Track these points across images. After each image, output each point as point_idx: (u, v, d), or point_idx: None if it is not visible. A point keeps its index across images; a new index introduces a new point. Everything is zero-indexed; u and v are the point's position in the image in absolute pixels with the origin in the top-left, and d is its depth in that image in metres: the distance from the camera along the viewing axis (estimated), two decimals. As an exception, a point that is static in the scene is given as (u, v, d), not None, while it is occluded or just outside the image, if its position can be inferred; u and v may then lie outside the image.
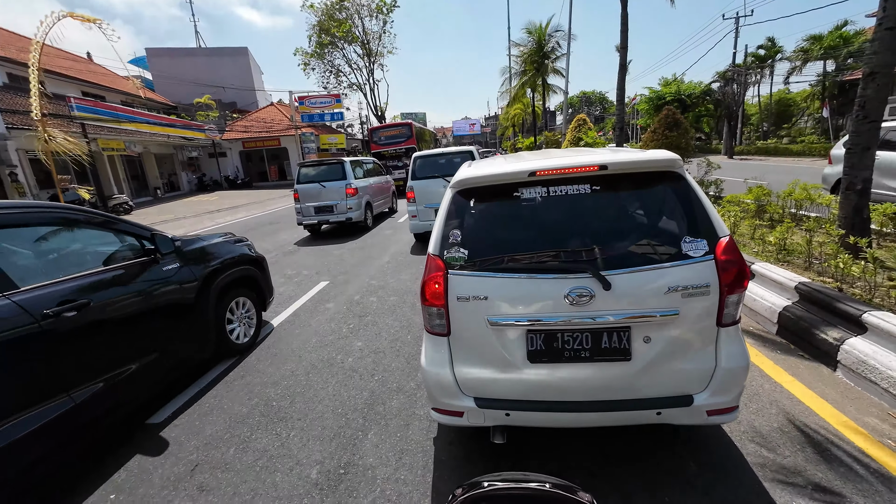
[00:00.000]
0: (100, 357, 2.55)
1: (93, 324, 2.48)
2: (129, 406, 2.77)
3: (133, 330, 2.80)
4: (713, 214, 1.90)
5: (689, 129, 9.24)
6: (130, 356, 2.75)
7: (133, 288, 2.84)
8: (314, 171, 9.88)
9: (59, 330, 2.27)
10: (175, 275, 3.21)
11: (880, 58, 4.02)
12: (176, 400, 3.20)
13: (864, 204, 4.29)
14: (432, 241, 2.08)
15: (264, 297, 4.36)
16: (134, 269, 2.91)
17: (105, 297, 2.62)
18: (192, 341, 3.34)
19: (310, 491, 2.20)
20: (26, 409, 2.10)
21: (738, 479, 2.07)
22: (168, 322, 3.11)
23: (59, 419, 2.20)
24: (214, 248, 3.80)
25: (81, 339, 2.42)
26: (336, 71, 35.64)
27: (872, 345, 2.72)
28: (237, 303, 3.95)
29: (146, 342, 2.91)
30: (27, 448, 2.06)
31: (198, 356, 3.42)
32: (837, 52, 23.27)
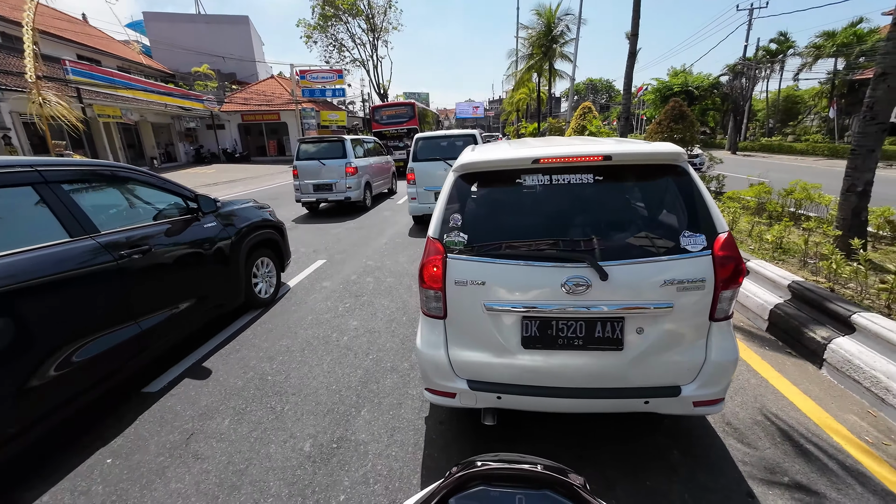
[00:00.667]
0: (159, 294, 3.07)
1: (154, 266, 2.99)
2: (181, 336, 3.37)
3: (184, 274, 3.34)
4: (714, 210, 1.91)
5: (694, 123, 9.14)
6: (182, 296, 3.28)
7: (182, 239, 3.34)
8: (314, 147, 9.76)
9: (131, 268, 2.77)
10: (214, 231, 3.70)
11: (892, 58, 3.97)
12: (172, 370, 3.24)
13: (863, 206, 4.31)
14: (432, 225, 2.08)
15: (283, 258, 4.84)
16: (182, 224, 3.39)
17: (161, 245, 3.10)
18: (228, 289, 3.87)
19: (303, 463, 2.25)
20: (106, 330, 2.60)
21: (718, 467, 2.14)
22: (210, 271, 3.63)
23: (130, 340, 2.72)
24: (244, 211, 4.26)
25: (146, 277, 2.92)
26: (339, 45, 34.84)
27: (859, 345, 2.78)
28: (261, 262, 4.45)
29: (194, 286, 3.44)
30: (107, 360, 2.58)
31: (232, 303, 3.96)
32: (850, 49, 22.91)
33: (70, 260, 2.41)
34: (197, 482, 2.15)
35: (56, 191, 2.51)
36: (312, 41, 34.62)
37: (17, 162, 2.42)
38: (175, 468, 2.25)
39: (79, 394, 2.43)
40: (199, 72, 29.53)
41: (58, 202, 2.49)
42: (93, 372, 2.50)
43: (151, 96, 20.91)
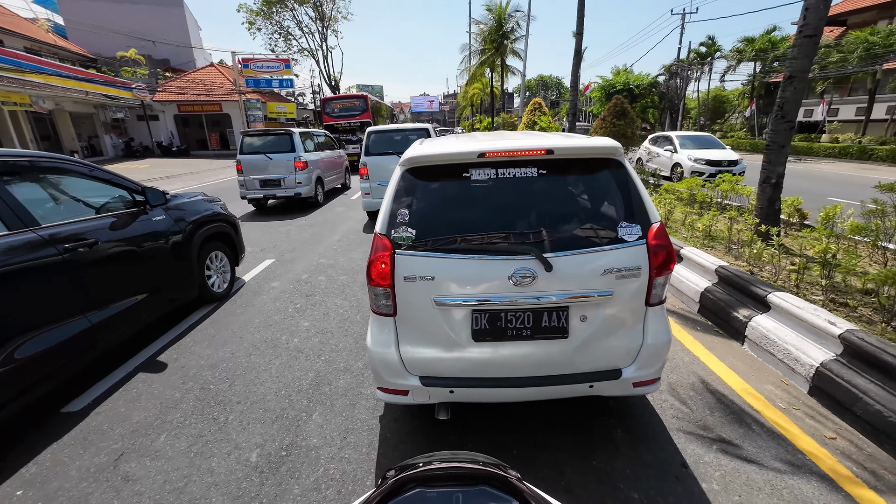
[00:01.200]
0: (108, 288, 3.03)
1: (102, 259, 2.95)
2: (134, 329, 3.31)
3: (133, 268, 3.31)
4: (647, 201, 2.02)
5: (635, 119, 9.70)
6: (132, 290, 3.24)
7: (130, 232, 3.29)
8: (260, 141, 9.24)
9: (77, 262, 2.73)
10: (164, 225, 3.66)
11: (799, 63, 4.42)
12: (98, 386, 2.95)
13: (776, 196, 4.78)
14: (379, 220, 2.04)
15: (237, 252, 4.82)
16: (129, 217, 3.35)
17: (109, 239, 3.05)
18: (180, 283, 3.85)
19: (249, 474, 2.14)
20: (54, 324, 2.56)
21: (657, 442, 2.30)
22: (161, 264, 3.61)
23: (80, 335, 2.68)
24: (194, 204, 4.21)
25: (94, 271, 2.89)
26: (285, 34, 33.17)
27: (774, 321, 3.09)
28: (214, 255, 4.42)
29: (145, 279, 3.41)
30: (54, 356, 2.52)
31: (186, 296, 3.94)
32: (766, 54, 25.31)
33: (9, 253, 2.36)
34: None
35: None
36: (256, 28, 32.67)
37: None
38: (101, 493, 2.05)
39: (27, 389, 2.39)
40: (125, 57, 26.90)
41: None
42: (43, 367, 2.47)
43: (68, 82, 18.72)
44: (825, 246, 3.44)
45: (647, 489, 2.00)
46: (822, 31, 4.47)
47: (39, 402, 2.72)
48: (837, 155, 20.05)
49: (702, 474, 2.08)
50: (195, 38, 35.70)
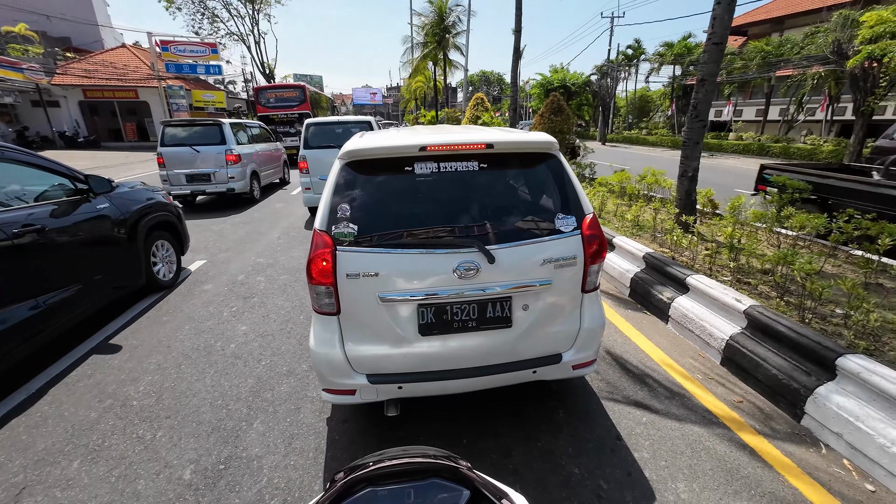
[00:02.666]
0: (59, 272, 3.12)
1: (49, 244, 3.03)
2: (85, 313, 3.39)
3: (84, 252, 3.41)
4: (581, 194, 2.14)
5: (571, 116, 10.19)
6: (81, 275, 3.32)
7: (76, 219, 3.36)
8: (184, 132, 8.47)
9: (27, 247, 2.83)
10: (109, 213, 3.72)
11: (709, 67, 4.90)
12: (-10, 413, 2.55)
13: (692, 188, 5.29)
14: (319, 216, 1.96)
15: (181, 241, 4.89)
16: (73, 205, 3.41)
17: (55, 224, 3.11)
18: (128, 271, 3.94)
19: (182, 493, 1.98)
20: (5, 308, 2.66)
21: (593, 419, 2.46)
22: (107, 252, 3.71)
23: (29, 319, 2.78)
24: (136, 193, 4.25)
25: (44, 255, 2.99)
26: (211, 15, 30.52)
27: (692, 301, 3.43)
28: (160, 244, 4.48)
29: (92, 266, 3.48)
30: (5, 339, 2.61)
31: (133, 283, 4.01)
32: (683, 59, 27.80)
33: None
34: (34, 545, 1.74)
35: None
36: (175, 7, 29.73)
37: None
38: (-1, 535, 1.79)
39: None
40: (12, 32, 23.24)
41: None
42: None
43: (-64, 60, 15.82)
44: (731, 232, 3.88)
45: (586, 463, 2.14)
46: (727, 40, 4.99)
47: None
48: (742, 151, 22.62)
49: (634, 445, 2.26)
50: (101, 15, 31.80)
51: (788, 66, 19.57)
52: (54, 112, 22.78)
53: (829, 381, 2.34)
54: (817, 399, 2.32)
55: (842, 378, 2.29)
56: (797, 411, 2.43)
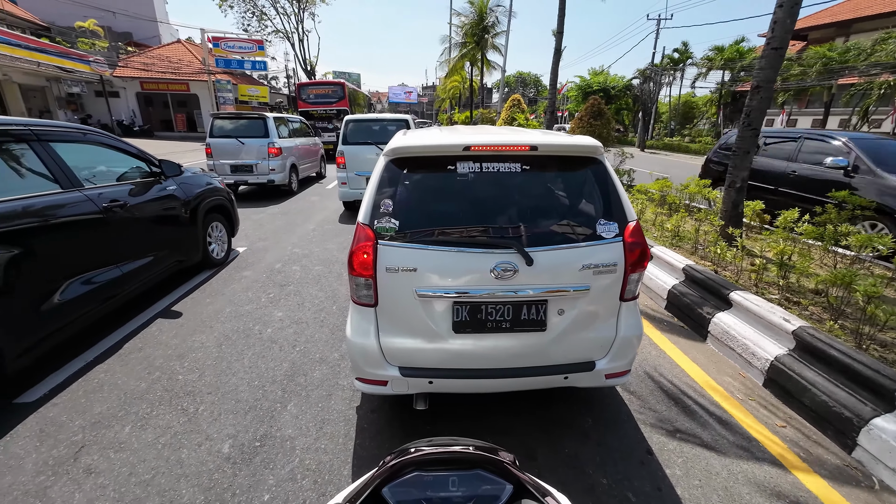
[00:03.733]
0: (135, 244, 3.55)
1: (130, 219, 3.46)
2: (152, 282, 3.81)
3: (155, 228, 3.86)
4: (625, 200, 2.09)
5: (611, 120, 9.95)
6: (153, 246, 3.78)
7: (151, 198, 3.81)
8: (231, 124, 8.88)
9: (112, 219, 3.24)
10: (177, 193, 4.16)
11: (765, 73, 4.65)
12: (54, 376, 2.79)
13: (740, 200, 5.04)
14: (362, 210, 2.02)
15: (233, 224, 5.32)
16: (148, 185, 3.84)
17: (134, 202, 3.54)
18: (189, 246, 4.36)
19: (221, 465, 2.09)
20: (94, 269, 3.07)
21: (625, 430, 2.40)
22: (174, 228, 4.14)
23: (112, 282, 3.20)
24: (197, 178, 4.70)
25: (125, 228, 3.40)
26: (259, 13, 31.80)
27: (734, 318, 3.28)
28: (214, 225, 4.89)
29: (163, 239, 3.95)
30: (91, 298, 3.00)
31: (192, 258, 4.44)
32: (734, 64, 26.47)
33: (64, 207, 2.84)
34: (90, 499, 1.89)
35: (47, 149, 2.92)
36: (228, 5, 31.15)
37: (13, 121, 2.81)
38: (61, 486, 1.95)
39: (75, 320, 2.87)
40: (83, 27, 25.09)
41: (50, 158, 2.91)
42: (86, 303, 2.96)
43: (17, 51, 17.27)
44: (782, 248, 3.67)
45: (614, 473, 2.09)
46: (788, 45, 4.71)
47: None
48: (794, 163, 21.31)
49: (666, 460, 2.19)
50: (160, 12, 33.76)
51: (853, 74, 18.24)
52: (114, 102, 24.42)
53: (887, 412, 2.18)
54: (872, 431, 2.16)
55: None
56: (848, 442, 2.28)
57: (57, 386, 2.69)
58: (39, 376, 2.77)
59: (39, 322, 2.61)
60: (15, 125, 2.80)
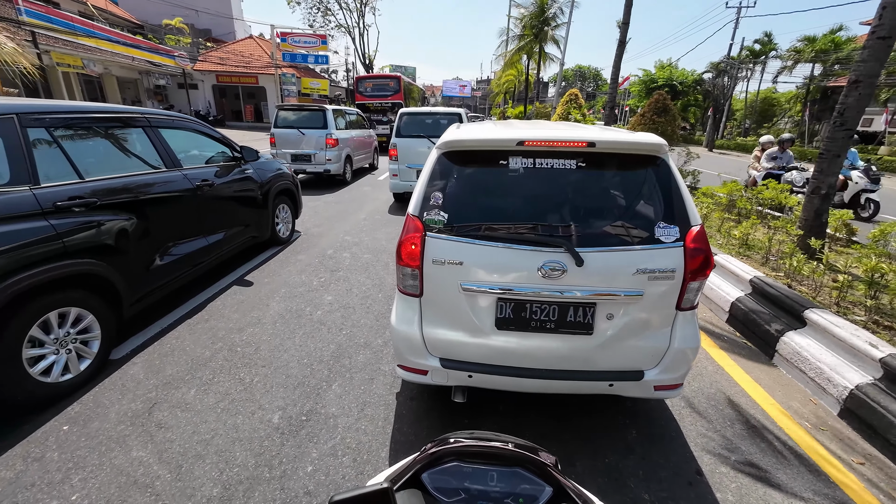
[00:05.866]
0: (218, 219, 4.05)
1: (216, 197, 3.96)
2: (232, 252, 4.34)
3: (234, 206, 4.36)
4: (689, 203, 1.95)
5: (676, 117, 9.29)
6: (232, 222, 4.29)
7: (233, 178, 4.31)
8: (294, 115, 9.38)
9: (203, 196, 3.74)
10: (255, 176, 4.69)
11: (868, 66, 4.10)
12: (135, 338, 3.13)
13: (825, 208, 4.52)
14: (413, 202, 2.05)
15: (297, 207, 5.82)
16: (231, 168, 4.35)
17: (219, 182, 4.03)
18: (261, 224, 4.86)
19: (271, 434, 2.24)
20: (187, 238, 3.59)
21: (672, 447, 2.27)
22: (249, 208, 4.62)
23: (200, 250, 3.70)
24: (269, 163, 5.16)
25: (211, 204, 3.89)
26: (324, 9, 33.16)
27: (808, 339, 2.96)
28: (281, 207, 5.37)
29: (240, 216, 4.44)
30: (185, 262, 3.52)
31: (263, 235, 4.96)
32: (827, 56, 23.61)
33: (168, 183, 3.36)
34: (160, 451, 2.11)
35: (157, 133, 3.44)
36: (295, 2, 32.79)
37: (132, 110, 3.34)
38: (136, 437, 2.20)
39: (172, 280, 3.38)
40: (170, 25, 27.56)
41: (158, 141, 3.43)
42: (180, 267, 3.45)
43: (117, 47, 19.39)
44: (875, 264, 3.25)
45: (657, 491, 1.99)
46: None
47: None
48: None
49: (717, 484, 2.05)
50: (237, 10, 36.17)
51: (980, 68, 15.61)
52: (193, 93, 26.65)
53: None
54: (976, 481, 1.87)
55: None
56: (943, 490, 1.99)
57: (137, 347, 3.02)
58: (124, 336, 3.12)
59: (147, 278, 3.10)
60: (134, 113, 3.30)
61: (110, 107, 3.18)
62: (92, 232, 2.64)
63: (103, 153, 3.06)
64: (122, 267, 2.83)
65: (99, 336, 2.68)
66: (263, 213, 4.83)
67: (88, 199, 2.63)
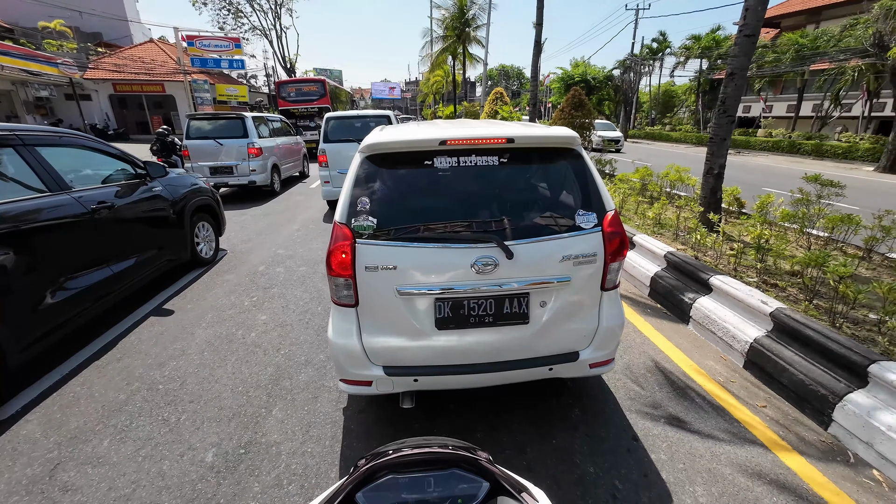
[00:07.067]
0: (124, 244, 3.62)
1: (118, 220, 3.54)
2: (146, 279, 3.93)
3: (143, 228, 3.95)
4: (603, 190, 2.10)
5: (592, 111, 10.00)
6: (143, 246, 3.87)
7: (138, 197, 3.88)
8: (209, 125, 8.67)
9: (101, 220, 3.30)
10: (164, 194, 4.24)
11: (739, 61, 4.72)
12: (30, 390, 2.69)
13: (718, 186, 5.13)
14: (339, 209, 1.98)
15: (220, 223, 5.38)
16: (134, 187, 3.90)
17: (121, 203, 3.60)
18: (178, 245, 4.44)
19: (204, 475, 2.05)
20: (86, 269, 3.16)
21: (611, 418, 2.43)
22: (161, 228, 4.19)
23: (103, 281, 3.27)
24: (184, 178, 4.78)
25: (113, 229, 3.47)
26: (235, 10, 31.03)
27: (715, 302, 3.34)
28: (202, 225, 4.95)
29: (151, 239, 4.02)
30: (84, 297, 3.08)
31: (181, 257, 4.52)
32: (711, 52, 26.86)
33: (53, 209, 2.92)
34: (67, 518, 1.83)
35: (33, 153, 2.98)
36: (201, 2, 30.33)
37: None
38: (36, 506, 1.89)
39: (69, 319, 2.95)
40: (48, 28, 24.14)
41: (36, 162, 2.97)
42: (79, 303, 3.04)
43: (-21, 55, 16.57)
44: (759, 232, 3.75)
45: (601, 462, 2.12)
46: (760, 32, 4.79)
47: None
48: (771, 149, 21.78)
49: (651, 446, 2.23)
50: (131, 11, 32.69)
51: (824, 60, 18.70)
52: (86, 105, 23.59)
53: (860, 388, 2.25)
54: (846, 407, 2.23)
55: (874, 386, 2.20)
56: (824, 418, 2.35)
57: (30, 402, 2.60)
58: (13, 391, 2.67)
59: (36, 320, 2.70)
60: (2, 130, 2.84)
61: None
62: None
63: None
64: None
65: (-24, 396, 2.27)
66: (179, 232, 4.43)
67: None
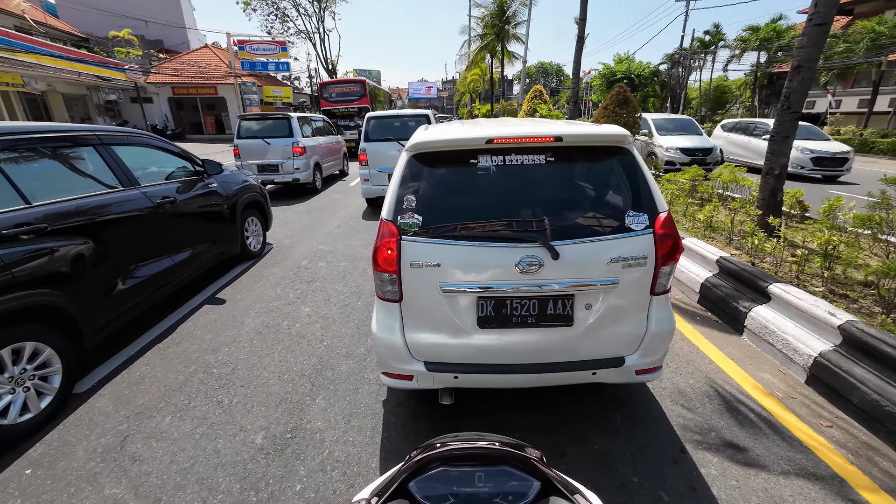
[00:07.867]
0: (183, 237, 3.89)
1: (179, 214, 3.81)
2: (200, 270, 4.16)
3: (200, 222, 4.23)
4: (655, 190, 2.01)
5: (637, 108, 9.61)
6: (199, 239, 4.13)
7: (196, 193, 4.15)
8: (257, 125, 9.12)
9: (165, 214, 3.59)
10: (219, 190, 4.53)
11: (807, 52, 4.36)
12: (100, 369, 2.95)
13: (779, 188, 4.77)
14: (385, 206, 2.02)
15: (267, 219, 5.65)
16: (194, 183, 4.20)
17: (182, 198, 3.88)
18: (230, 239, 4.71)
19: (255, 456, 2.16)
20: (150, 259, 3.41)
21: (655, 428, 2.33)
22: (216, 223, 4.47)
23: (164, 271, 3.52)
24: (236, 175, 5.08)
25: (174, 222, 3.75)
26: (282, 15, 32.44)
27: (773, 312, 3.11)
28: (251, 220, 5.24)
29: (207, 232, 4.30)
30: (149, 285, 3.34)
31: (232, 250, 4.79)
32: (770, 44, 25.01)
33: (125, 203, 3.19)
34: (135, 485, 2.00)
35: (109, 151, 3.26)
36: (251, 9, 31.94)
37: (81, 128, 3.17)
38: (109, 473, 2.07)
39: (136, 304, 3.21)
40: (118, 37, 26.27)
41: (111, 160, 3.26)
42: (144, 290, 3.28)
43: (60, 62, 18.28)
44: (827, 238, 3.45)
45: (645, 472, 2.04)
46: (833, 20, 4.41)
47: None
48: (838, 147, 19.97)
49: (700, 459, 2.12)
50: (189, 18, 34.86)
51: (905, 49, 16.92)
52: (148, 107, 25.49)
53: (947, 413, 2.02)
54: (930, 432, 2.01)
55: (965, 411, 1.97)
56: (902, 444, 2.13)
57: (103, 378, 2.85)
58: (88, 368, 2.94)
59: (109, 304, 2.93)
60: (83, 131, 3.14)
61: (56, 126, 2.98)
62: (43, 260, 2.47)
63: (52, 176, 2.88)
64: (79, 295, 2.66)
65: (59, 370, 2.52)
66: (231, 227, 4.70)
67: (37, 226, 2.46)
